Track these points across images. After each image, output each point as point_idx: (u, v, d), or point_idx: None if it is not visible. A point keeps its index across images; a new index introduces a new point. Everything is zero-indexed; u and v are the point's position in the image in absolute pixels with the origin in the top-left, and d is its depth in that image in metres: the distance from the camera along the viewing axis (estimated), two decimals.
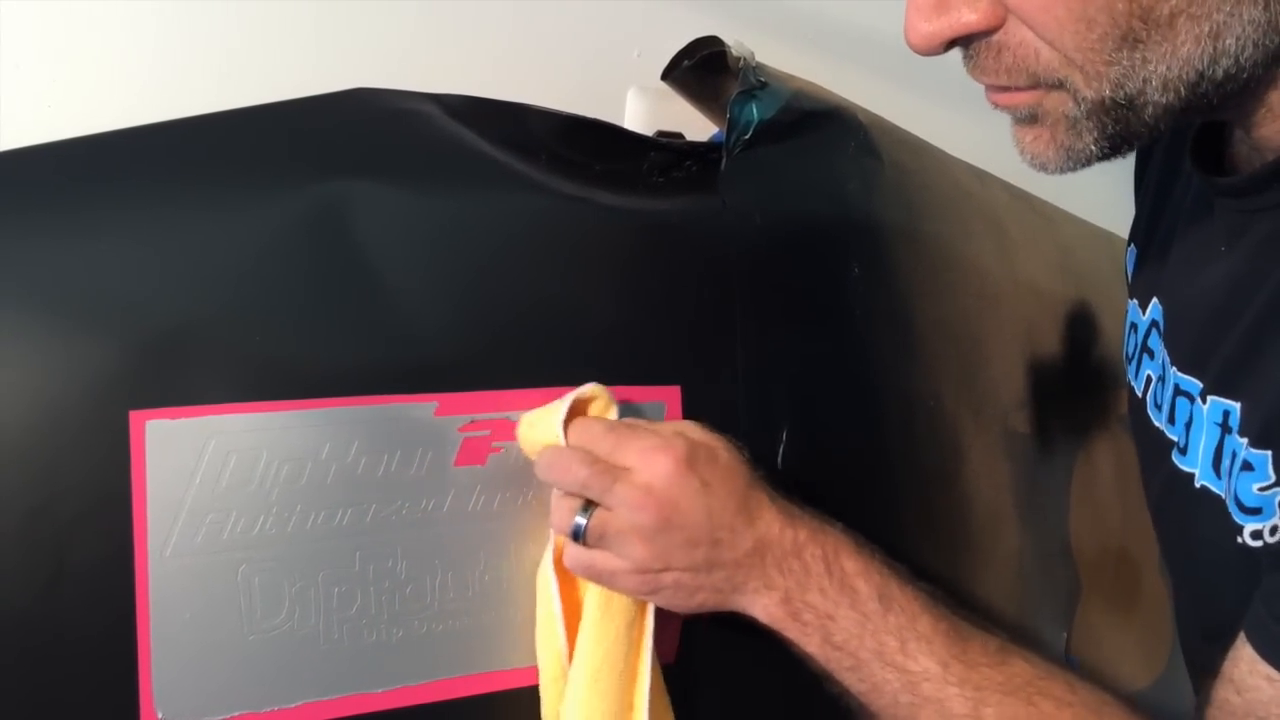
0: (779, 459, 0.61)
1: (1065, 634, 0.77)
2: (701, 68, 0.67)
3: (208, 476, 0.49)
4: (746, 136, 0.64)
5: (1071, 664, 0.76)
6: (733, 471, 0.53)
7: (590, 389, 0.54)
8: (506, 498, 0.55)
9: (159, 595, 0.48)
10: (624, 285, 0.60)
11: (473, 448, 0.54)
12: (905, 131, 0.73)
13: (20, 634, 0.46)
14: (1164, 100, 0.41)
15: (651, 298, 0.60)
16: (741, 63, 0.65)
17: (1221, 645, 0.48)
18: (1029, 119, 0.45)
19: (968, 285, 0.73)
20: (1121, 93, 0.41)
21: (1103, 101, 0.42)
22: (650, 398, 0.59)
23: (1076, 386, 0.79)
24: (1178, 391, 0.52)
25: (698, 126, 0.72)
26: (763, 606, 0.53)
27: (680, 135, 0.72)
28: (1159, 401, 0.55)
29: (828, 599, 0.53)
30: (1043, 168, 0.45)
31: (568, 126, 0.61)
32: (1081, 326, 0.80)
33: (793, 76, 0.68)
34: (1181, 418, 0.52)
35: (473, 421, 0.54)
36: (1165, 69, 0.40)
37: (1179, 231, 0.56)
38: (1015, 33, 0.42)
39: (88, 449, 0.47)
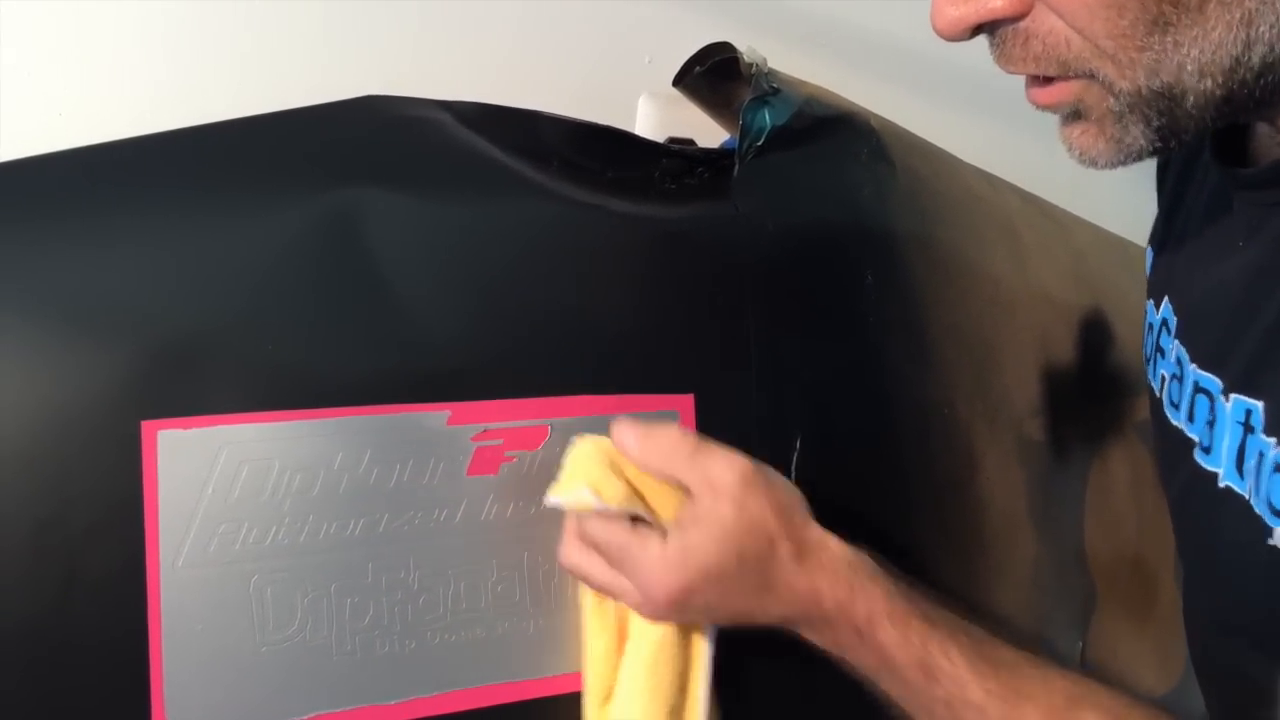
0: (792, 467, 0.61)
1: (1080, 642, 0.76)
2: (713, 74, 0.67)
3: (220, 486, 0.49)
4: (759, 143, 0.64)
5: (1088, 671, 0.76)
6: (748, 564, 0.51)
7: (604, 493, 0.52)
8: (519, 507, 0.55)
9: (171, 606, 0.47)
10: (636, 292, 0.60)
11: (485, 457, 0.54)
12: (917, 137, 0.73)
13: (32, 644, 0.46)
14: (1203, 87, 0.41)
15: (664, 305, 0.60)
16: (754, 69, 0.65)
17: (1244, 640, 0.47)
18: (1074, 115, 0.44)
19: (981, 291, 0.72)
20: (1157, 81, 0.41)
21: (1139, 91, 0.41)
22: (663, 406, 0.58)
23: (1091, 393, 0.79)
24: (1197, 389, 0.51)
25: (709, 132, 0.71)
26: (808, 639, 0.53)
27: (691, 141, 0.71)
28: (1175, 400, 0.55)
29: (867, 667, 0.52)
30: (1093, 163, 0.44)
31: (579, 133, 0.61)
32: (1095, 333, 0.80)
33: (804, 82, 0.68)
34: (1202, 416, 0.51)
35: (485, 430, 0.54)
36: (1199, 53, 0.40)
37: (1193, 228, 0.55)
38: (1043, 20, 0.42)
39: (99, 459, 0.47)
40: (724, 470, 0.51)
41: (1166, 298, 0.57)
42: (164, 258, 0.50)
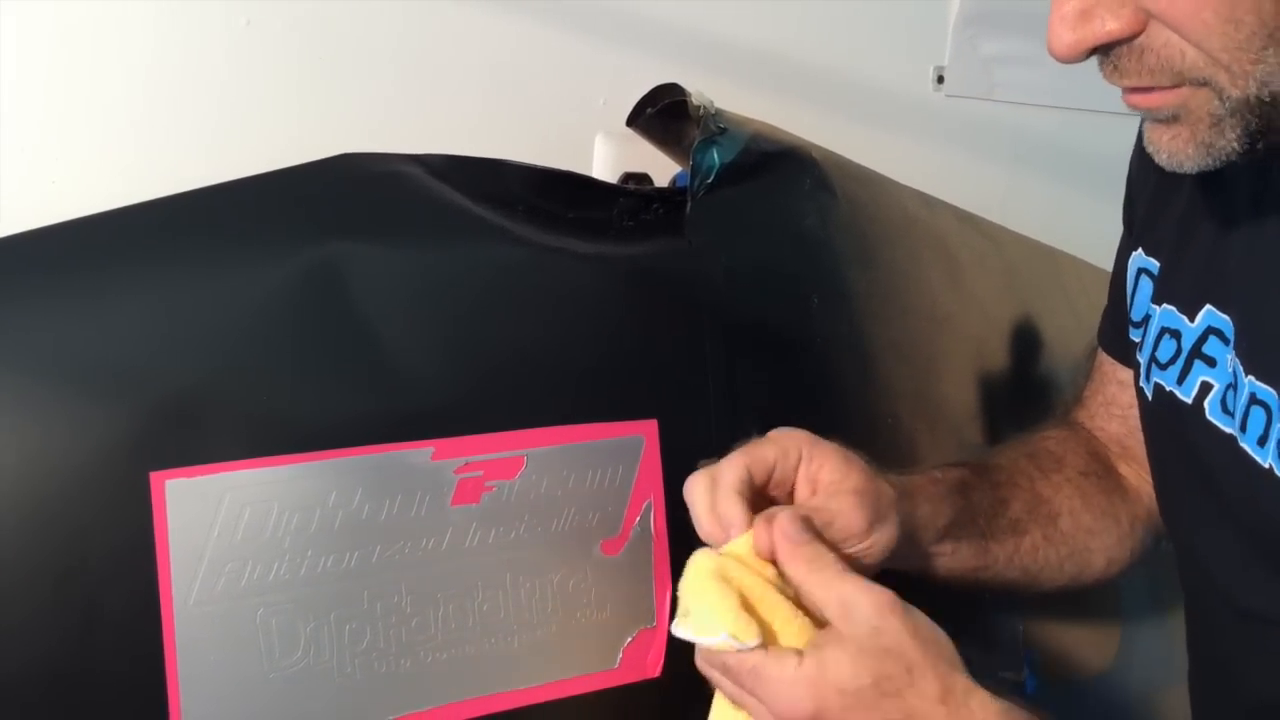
0: None
1: (1021, 626, 0.82)
2: (664, 114, 0.71)
3: (225, 529, 0.53)
4: (709, 180, 0.68)
5: (1030, 655, 0.82)
6: (885, 691, 0.48)
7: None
8: (500, 532, 0.59)
9: (185, 641, 0.52)
10: (601, 326, 0.64)
11: (468, 488, 0.58)
12: (857, 165, 0.78)
13: (60, 683, 0.50)
14: None
15: (627, 337, 0.65)
16: (702, 111, 0.69)
17: None
18: (1169, 119, 0.46)
19: (919, 307, 0.78)
20: (1266, 90, 0.43)
21: (1248, 100, 0.43)
22: (629, 432, 0.63)
23: (1023, 395, 0.85)
24: (1254, 400, 0.52)
25: (662, 166, 0.76)
26: None
27: (646, 175, 0.76)
28: (1230, 408, 0.55)
29: None
30: (1179, 166, 0.46)
31: (541, 178, 0.65)
32: (1027, 340, 0.85)
33: (750, 119, 0.72)
34: (1256, 429, 0.52)
35: (467, 463, 0.58)
36: None
37: (1243, 240, 0.55)
38: (1158, 35, 0.44)
39: (114, 509, 0.51)
40: (861, 595, 0.49)
41: (1213, 306, 0.56)
42: (161, 320, 0.53)
